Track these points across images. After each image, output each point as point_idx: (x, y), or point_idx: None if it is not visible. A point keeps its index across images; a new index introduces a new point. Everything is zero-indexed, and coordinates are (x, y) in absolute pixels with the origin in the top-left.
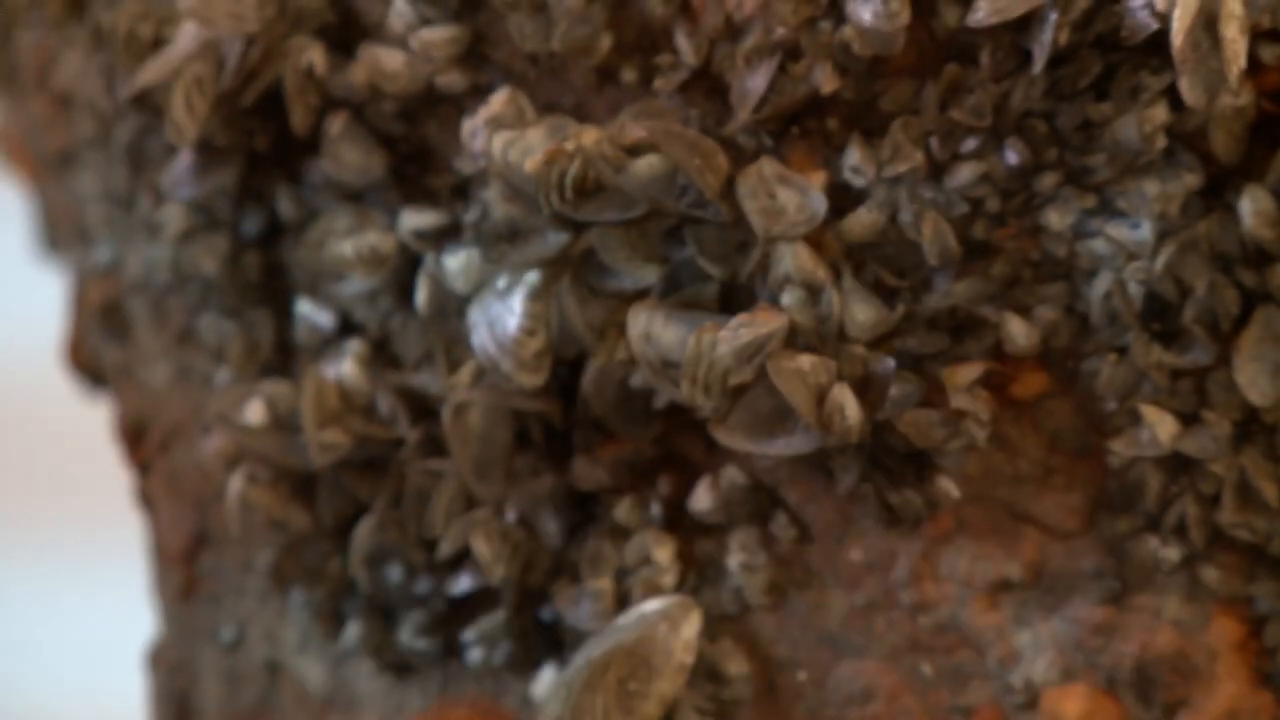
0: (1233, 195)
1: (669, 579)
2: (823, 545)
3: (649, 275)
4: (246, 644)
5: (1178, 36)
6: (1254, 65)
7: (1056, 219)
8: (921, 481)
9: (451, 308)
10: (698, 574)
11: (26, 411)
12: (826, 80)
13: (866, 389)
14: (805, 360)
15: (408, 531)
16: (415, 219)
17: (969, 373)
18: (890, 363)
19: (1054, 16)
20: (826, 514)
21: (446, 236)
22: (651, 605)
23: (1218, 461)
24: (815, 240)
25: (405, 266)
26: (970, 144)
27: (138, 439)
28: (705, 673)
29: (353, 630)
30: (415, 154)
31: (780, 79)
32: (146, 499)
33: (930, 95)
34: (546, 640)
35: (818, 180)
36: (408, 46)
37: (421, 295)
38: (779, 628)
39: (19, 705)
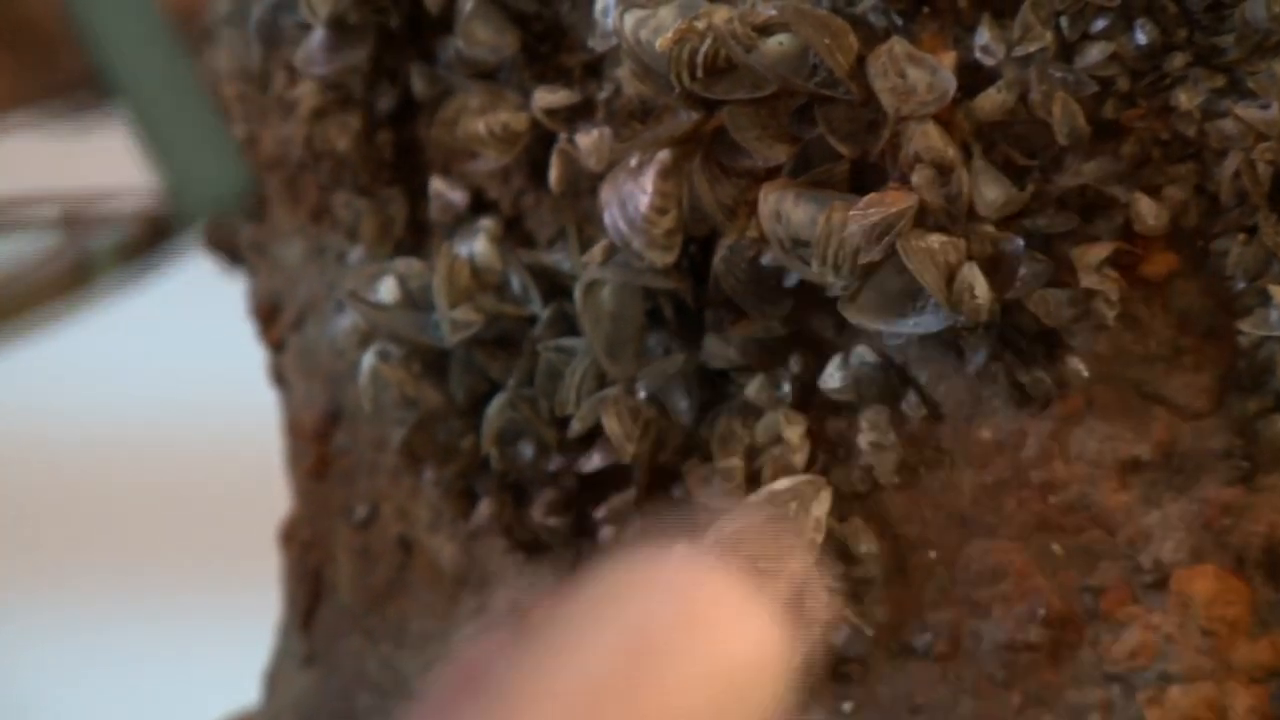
0: None
1: (799, 458)
2: (953, 424)
3: (779, 154)
4: (379, 521)
5: None
6: None
7: (1186, 99)
8: (1051, 361)
9: (583, 186)
10: (828, 453)
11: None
12: None
13: (996, 268)
14: (935, 239)
15: (539, 409)
16: (548, 97)
17: (1098, 252)
18: (1019, 242)
19: None
20: (957, 393)
21: (579, 114)
22: (782, 484)
23: None
24: (945, 119)
25: (538, 144)
26: (1100, 24)
27: (272, 317)
28: (835, 551)
29: (484, 508)
30: (548, 32)
31: None
32: (280, 377)
33: None
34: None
35: (948, 60)
36: None
37: (554, 173)
38: (909, 507)
39: None
